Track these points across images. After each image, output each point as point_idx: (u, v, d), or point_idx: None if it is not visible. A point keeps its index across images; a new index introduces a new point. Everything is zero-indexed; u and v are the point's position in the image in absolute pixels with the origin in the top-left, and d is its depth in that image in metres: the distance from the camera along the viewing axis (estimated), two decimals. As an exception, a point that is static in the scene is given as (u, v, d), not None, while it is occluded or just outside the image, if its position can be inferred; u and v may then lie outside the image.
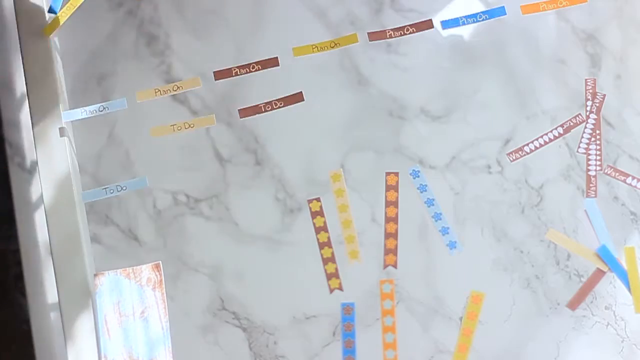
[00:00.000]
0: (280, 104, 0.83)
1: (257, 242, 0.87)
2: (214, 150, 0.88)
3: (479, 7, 0.88)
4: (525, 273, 0.86)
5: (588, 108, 0.87)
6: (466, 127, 0.88)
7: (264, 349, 0.86)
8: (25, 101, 0.78)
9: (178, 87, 0.81)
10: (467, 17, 0.87)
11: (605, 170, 0.87)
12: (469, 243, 0.86)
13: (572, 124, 0.86)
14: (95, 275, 0.75)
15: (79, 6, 0.73)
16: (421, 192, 0.86)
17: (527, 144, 0.86)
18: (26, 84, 0.77)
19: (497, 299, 0.86)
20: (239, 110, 0.85)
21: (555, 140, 0.87)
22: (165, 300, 0.75)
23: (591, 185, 0.87)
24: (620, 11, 0.88)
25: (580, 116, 0.87)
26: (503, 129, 0.88)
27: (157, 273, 0.75)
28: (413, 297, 0.86)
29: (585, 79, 0.85)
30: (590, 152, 0.87)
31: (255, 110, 0.83)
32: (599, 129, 0.87)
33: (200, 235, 0.87)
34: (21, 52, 0.77)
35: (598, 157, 0.87)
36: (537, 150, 0.87)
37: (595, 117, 0.86)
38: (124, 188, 0.74)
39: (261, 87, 0.86)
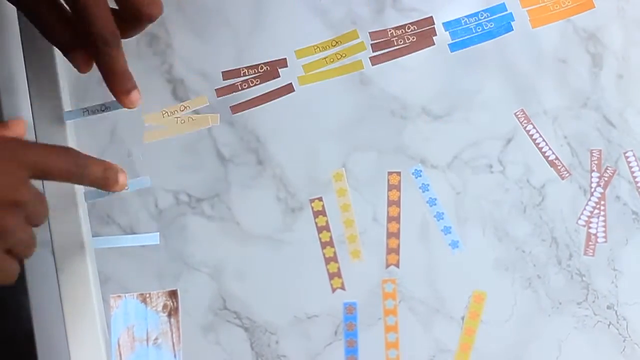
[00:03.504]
0: (257, 81, 0.85)
1: (259, 241, 0.87)
2: (216, 150, 0.88)
3: (481, 7, 0.88)
4: (527, 273, 0.86)
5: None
6: (467, 126, 0.88)
7: (266, 349, 0.86)
8: (26, 101, 0.78)
9: (185, 107, 0.83)
10: (468, 16, 0.87)
11: (607, 170, 0.87)
12: (471, 243, 0.86)
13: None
14: (111, 297, 0.74)
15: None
16: (423, 192, 0.86)
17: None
18: (28, 84, 0.77)
19: (498, 299, 0.86)
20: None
21: (557, 139, 0.87)
22: (180, 328, 0.74)
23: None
24: (622, 11, 0.88)
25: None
26: (504, 129, 0.88)
27: (174, 300, 0.75)
28: (415, 297, 0.86)
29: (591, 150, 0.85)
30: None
31: (233, 89, 0.85)
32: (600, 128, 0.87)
33: (202, 234, 0.87)
34: (23, 51, 0.77)
35: (597, 157, 0.87)
36: (537, 150, 0.87)
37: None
38: (126, 188, 0.74)
39: (263, 86, 0.86)
